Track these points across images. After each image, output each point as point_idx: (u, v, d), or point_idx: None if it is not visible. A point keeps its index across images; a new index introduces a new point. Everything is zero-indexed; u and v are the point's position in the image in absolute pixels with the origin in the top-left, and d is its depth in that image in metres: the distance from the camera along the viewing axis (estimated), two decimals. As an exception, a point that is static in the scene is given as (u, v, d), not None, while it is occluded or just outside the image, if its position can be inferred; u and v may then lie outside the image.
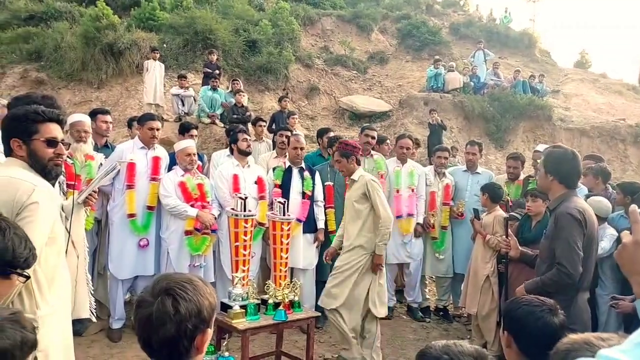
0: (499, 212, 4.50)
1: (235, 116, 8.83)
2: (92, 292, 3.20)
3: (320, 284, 4.89)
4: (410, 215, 5.25)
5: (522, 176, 5.30)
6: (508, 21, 19.65)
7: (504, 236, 3.60)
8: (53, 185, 2.20)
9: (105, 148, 4.63)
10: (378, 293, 4.00)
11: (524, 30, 19.68)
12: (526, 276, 3.60)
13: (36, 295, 1.96)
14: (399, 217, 5.23)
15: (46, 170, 2.11)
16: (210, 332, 1.42)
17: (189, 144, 4.45)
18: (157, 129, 4.40)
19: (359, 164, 4.15)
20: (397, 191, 5.26)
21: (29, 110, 2.10)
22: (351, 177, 4.04)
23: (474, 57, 14.63)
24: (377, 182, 4.07)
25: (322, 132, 5.64)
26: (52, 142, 2.11)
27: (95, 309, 3.35)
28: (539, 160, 3.70)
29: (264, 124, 7.57)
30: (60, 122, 2.17)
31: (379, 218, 3.89)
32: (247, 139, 4.70)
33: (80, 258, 2.85)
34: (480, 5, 22.11)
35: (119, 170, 4.03)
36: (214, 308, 1.43)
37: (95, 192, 2.97)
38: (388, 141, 6.37)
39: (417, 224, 5.29)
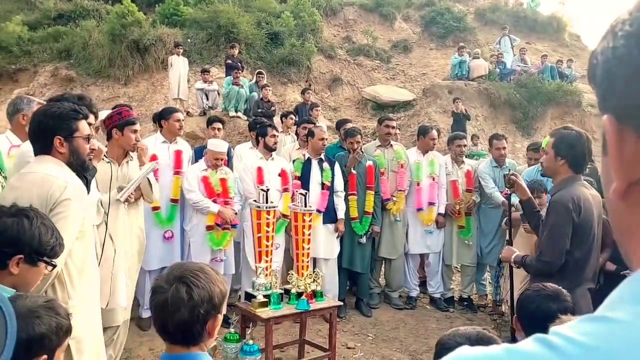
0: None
1: (260, 110, 8.91)
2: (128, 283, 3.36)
3: (340, 271, 4.96)
4: (431, 204, 5.25)
5: None
6: (536, 5, 19.08)
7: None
8: (89, 179, 2.30)
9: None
10: None
11: (552, 14, 19.09)
12: None
13: (68, 286, 2.07)
14: (419, 209, 5.24)
15: (85, 165, 2.22)
16: (220, 317, 1.50)
17: (222, 150, 4.45)
18: (183, 120, 4.60)
19: None
20: (418, 184, 5.25)
21: (67, 108, 2.20)
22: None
23: (499, 44, 14.30)
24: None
25: (340, 124, 5.67)
26: (89, 139, 2.24)
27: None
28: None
29: (293, 117, 7.67)
30: (87, 119, 2.28)
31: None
32: (275, 135, 4.77)
33: (118, 251, 2.98)
34: (507, -11, 21.53)
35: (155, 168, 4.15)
36: (224, 295, 1.51)
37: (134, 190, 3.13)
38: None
39: (439, 214, 5.28)
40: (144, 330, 4.27)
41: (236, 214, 4.45)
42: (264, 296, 3.54)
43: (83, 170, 2.19)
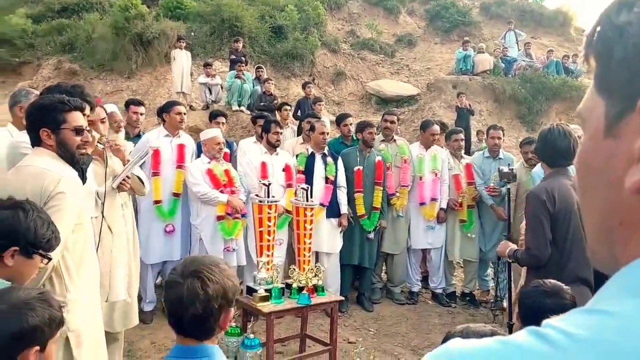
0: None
1: (262, 104, 8.88)
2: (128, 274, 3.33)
3: (345, 267, 4.95)
4: (434, 199, 5.23)
5: None
6: (542, -1, 18.96)
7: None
8: (83, 172, 2.28)
9: (138, 137, 4.75)
10: None
11: (558, 9, 18.91)
12: None
13: (65, 279, 2.06)
14: (422, 204, 5.22)
15: (75, 159, 2.19)
16: (232, 311, 1.54)
17: (217, 133, 4.53)
18: (184, 113, 4.57)
19: None
20: (420, 178, 5.23)
21: (55, 100, 2.17)
22: None
23: (504, 39, 14.20)
24: None
25: (341, 119, 5.65)
26: (79, 131, 2.20)
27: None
28: None
29: (288, 108, 7.58)
30: (83, 110, 2.25)
31: None
32: (278, 132, 4.77)
33: (115, 242, 2.95)
34: (513, -17, 21.35)
35: (150, 155, 4.11)
36: (237, 290, 1.55)
37: (128, 177, 3.06)
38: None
39: (441, 209, 5.26)
40: (145, 324, 4.28)
41: (245, 203, 4.45)
42: (266, 290, 3.54)
43: (72, 162, 2.17)
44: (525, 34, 15.04)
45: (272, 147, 4.74)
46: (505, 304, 5.08)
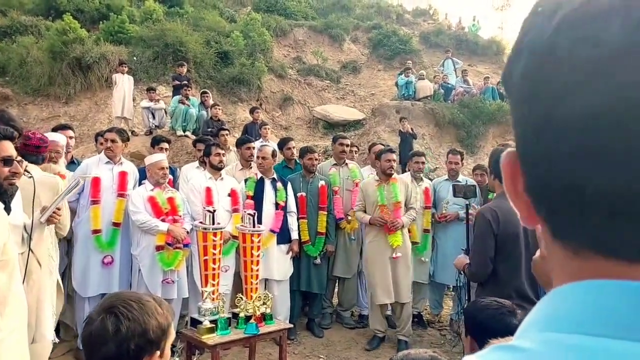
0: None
1: (210, 129, 8.75)
2: (55, 313, 3.12)
3: (294, 293, 4.89)
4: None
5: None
6: (476, 29, 20.10)
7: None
8: (8, 204, 2.14)
9: (72, 164, 4.54)
10: None
11: (492, 38, 20.15)
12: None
13: (-13, 319, 1.90)
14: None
15: (1, 190, 2.06)
16: (160, 353, 1.38)
17: (161, 158, 4.40)
18: (113, 140, 4.29)
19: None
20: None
21: None
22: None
23: (443, 66, 14.89)
24: None
25: (283, 143, 5.63)
26: (7, 161, 2.08)
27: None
28: None
29: (225, 132, 7.38)
30: (13, 139, 2.13)
31: None
32: (220, 153, 4.67)
33: (44, 276, 2.76)
34: (450, 14, 22.62)
35: (82, 186, 3.93)
36: (164, 329, 1.38)
37: (59, 209, 2.89)
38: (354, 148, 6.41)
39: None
40: (82, 363, 4.01)
41: (188, 233, 4.30)
42: (211, 321, 3.42)
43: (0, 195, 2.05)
44: (462, 61, 15.86)
45: (217, 170, 4.65)
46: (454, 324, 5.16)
